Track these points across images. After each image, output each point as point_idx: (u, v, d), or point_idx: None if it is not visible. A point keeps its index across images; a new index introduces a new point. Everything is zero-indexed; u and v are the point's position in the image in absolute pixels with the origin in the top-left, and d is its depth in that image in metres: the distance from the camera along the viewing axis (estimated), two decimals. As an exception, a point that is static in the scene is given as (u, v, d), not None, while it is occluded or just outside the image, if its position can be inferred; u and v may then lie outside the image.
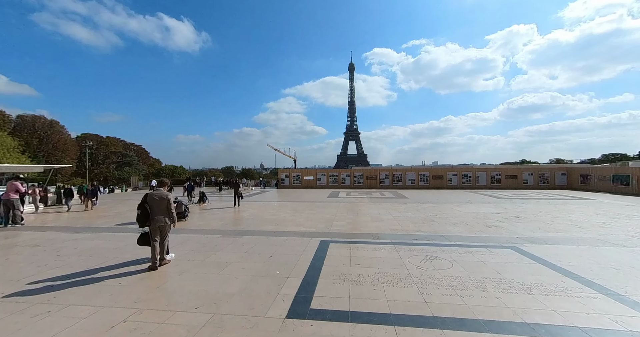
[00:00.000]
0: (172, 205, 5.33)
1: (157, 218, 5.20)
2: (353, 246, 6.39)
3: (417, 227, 9.02)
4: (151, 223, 5.19)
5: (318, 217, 11.06)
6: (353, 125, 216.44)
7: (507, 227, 9.04)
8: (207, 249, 6.34)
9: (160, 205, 5.26)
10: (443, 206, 14.57)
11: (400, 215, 11.55)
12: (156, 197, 5.29)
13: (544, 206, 14.45)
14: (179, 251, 6.15)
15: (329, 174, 32.23)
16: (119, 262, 5.45)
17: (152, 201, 5.26)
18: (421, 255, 5.68)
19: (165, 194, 5.36)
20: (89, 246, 6.76)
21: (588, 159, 78.92)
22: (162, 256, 5.25)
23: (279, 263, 5.27)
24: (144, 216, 5.15)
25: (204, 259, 5.54)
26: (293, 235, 7.71)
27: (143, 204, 5.21)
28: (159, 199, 5.28)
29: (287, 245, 6.61)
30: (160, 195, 5.33)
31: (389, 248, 6.20)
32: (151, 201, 5.25)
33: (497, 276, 4.57)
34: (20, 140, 40.89)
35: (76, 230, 8.83)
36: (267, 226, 9.33)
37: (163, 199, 5.30)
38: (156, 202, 5.26)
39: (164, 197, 5.32)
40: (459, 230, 8.58)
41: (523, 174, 29.69)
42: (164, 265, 5.22)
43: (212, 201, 17.73)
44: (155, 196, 5.30)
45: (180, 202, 11.25)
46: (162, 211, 5.26)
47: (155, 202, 5.26)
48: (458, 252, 5.83)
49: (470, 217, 11.03)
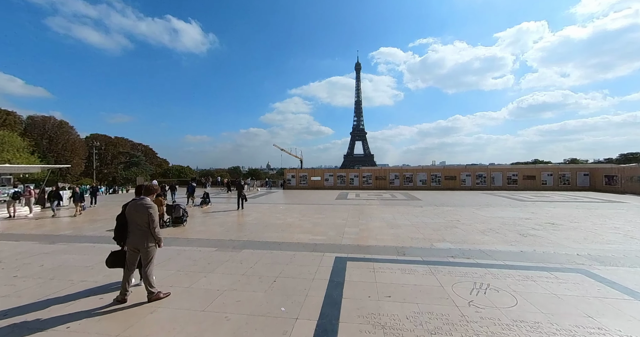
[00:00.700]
0: (156, 221, 3.98)
1: (134, 237, 3.94)
2: (376, 267, 5.17)
3: (441, 236, 7.88)
4: (127, 242, 3.98)
5: (328, 223, 9.99)
6: (360, 125, 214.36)
7: (547, 236, 7.79)
8: (197, 268, 5.19)
9: (140, 220, 3.91)
10: (462, 209, 13.36)
11: (417, 220, 10.38)
12: (135, 209, 3.94)
13: (574, 210, 13.12)
14: (163, 270, 5.03)
15: (336, 175, 31.03)
16: (84, 288, 4.34)
17: (130, 213, 3.97)
18: (467, 281, 4.44)
19: (147, 206, 3.93)
20: (58, 262, 5.68)
21: (605, 159, 75.90)
22: (149, 288, 3.88)
23: (285, 292, 4.10)
24: (120, 230, 3.98)
25: (189, 285, 4.38)
26: (302, 248, 6.52)
27: (122, 215, 4.04)
28: (137, 213, 3.92)
29: (294, 263, 5.44)
30: (141, 206, 3.94)
31: (422, 270, 4.97)
32: (129, 214, 3.97)
33: (592, 324, 3.27)
34: (31, 140, 41.35)
35: (54, 240, 7.78)
36: (272, 233, 8.28)
37: (143, 213, 3.90)
38: (134, 216, 3.93)
39: (145, 209, 3.91)
40: (490, 240, 7.40)
41: (542, 174, 28.03)
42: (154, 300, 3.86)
43: (216, 203, 16.76)
44: (135, 208, 3.96)
45: (178, 206, 10.30)
46: (141, 229, 3.94)
47: (134, 216, 3.93)
48: (514, 278, 4.57)
49: (497, 223, 9.80)
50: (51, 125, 49.70)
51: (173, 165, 71.17)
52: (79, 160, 50.95)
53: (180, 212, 10.26)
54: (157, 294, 3.89)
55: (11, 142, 33.34)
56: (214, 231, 8.85)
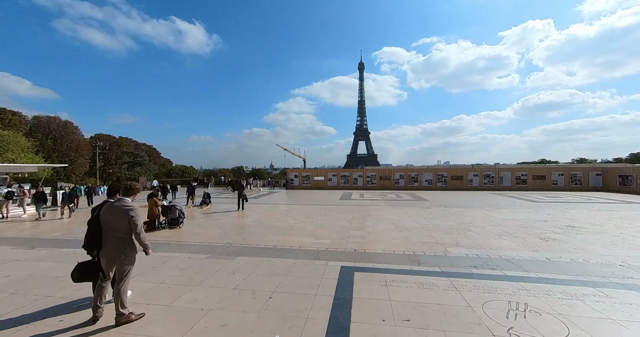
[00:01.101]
0: (140, 225, 3.38)
1: (109, 247, 3.29)
2: (388, 279, 4.46)
3: (454, 240, 7.23)
4: (101, 252, 3.33)
5: (332, 225, 9.37)
6: (363, 125, 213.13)
7: (570, 241, 7.09)
8: (183, 280, 4.52)
9: (118, 226, 3.29)
10: (472, 211, 12.67)
11: (427, 222, 9.71)
12: (111, 212, 3.31)
13: (593, 211, 12.36)
14: (143, 282, 4.39)
15: (340, 174, 30.35)
16: (46, 306, 3.68)
17: (105, 218, 3.31)
18: (499, 300, 3.73)
19: (128, 209, 3.32)
20: (28, 271, 5.05)
21: (614, 159, 74.28)
22: (119, 308, 3.22)
23: (282, 313, 3.43)
24: (92, 238, 3.31)
25: (170, 303, 3.70)
26: (303, 255, 5.84)
27: (95, 219, 3.36)
28: (115, 217, 3.29)
29: (294, 274, 4.76)
30: (119, 209, 3.31)
31: (442, 284, 4.27)
32: (104, 219, 3.32)
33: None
34: (35, 140, 41.53)
35: (35, 244, 7.18)
36: (272, 236, 7.69)
37: (122, 217, 3.28)
38: (110, 221, 3.29)
39: (125, 213, 3.29)
40: (509, 245, 6.73)
41: (552, 174, 27.11)
42: (124, 324, 3.18)
43: (217, 203, 16.22)
44: (111, 211, 3.31)
45: (174, 207, 9.74)
46: (119, 236, 3.31)
47: (109, 220, 3.30)
48: (554, 296, 3.84)
49: (513, 226, 9.11)
50: (56, 125, 49.79)
51: (176, 165, 70.93)
52: (84, 161, 51.03)
53: (177, 213, 9.71)
54: (127, 315, 3.22)
55: (16, 142, 33.48)
56: (211, 233, 8.28)
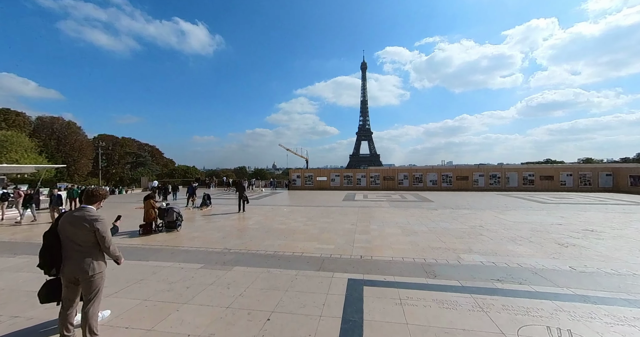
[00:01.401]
0: (108, 237, 2.89)
1: (71, 264, 2.77)
2: (402, 295, 3.92)
3: (467, 245, 6.74)
4: (62, 271, 2.82)
5: (336, 228, 8.91)
6: (365, 125, 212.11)
7: (592, 247, 6.58)
8: (171, 296, 4.00)
9: (80, 238, 2.79)
10: (481, 213, 12.14)
11: (435, 226, 9.21)
12: (72, 223, 2.79)
13: (608, 214, 11.77)
14: (125, 299, 3.89)
15: (343, 175, 29.83)
16: (9, 330, 3.18)
17: (65, 230, 2.80)
18: (535, 324, 3.19)
19: (92, 219, 2.82)
20: (2, 284, 4.55)
21: (621, 159, 73.16)
22: (88, 335, 2.76)
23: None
24: (47, 253, 2.81)
25: (152, 327, 3.18)
26: (306, 265, 5.33)
27: (52, 231, 2.86)
28: (76, 228, 2.78)
29: (296, 289, 4.23)
30: (82, 220, 2.80)
31: (465, 302, 3.73)
32: (63, 231, 2.80)
33: None
34: (39, 141, 41.55)
35: (18, 250, 6.70)
36: (273, 241, 7.25)
37: (86, 228, 2.79)
38: (71, 233, 2.79)
39: (88, 224, 2.79)
40: (526, 251, 6.23)
41: (561, 174, 26.43)
42: None
43: (218, 204, 15.78)
44: (71, 222, 2.80)
45: (171, 209, 9.31)
46: (82, 251, 2.80)
47: (70, 232, 2.79)
48: (600, 319, 3.30)
49: (526, 229, 8.60)
50: (59, 125, 49.72)
51: (179, 165, 70.73)
52: (87, 161, 51.00)
53: (174, 216, 9.27)
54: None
55: (19, 142, 33.48)
56: (209, 237, 7.84)
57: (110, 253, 2.94)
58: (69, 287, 2.85)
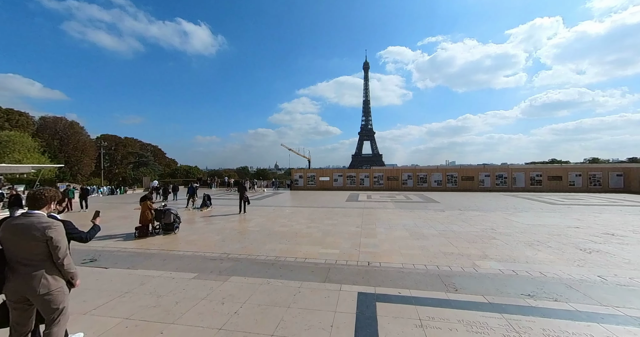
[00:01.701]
0: (64, 249, 2.40)
1: (18, 282, 2.28)
2: (422, 315, 3.42)
3: (481, 251, 6.30)
4: (4, 290, 2.31)
5: (340, 231, 8.50)
6: (368, 125, 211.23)
7: (617, 253, 6.11)
8: (157, 313, 3.52)
9: (26, 251, 2.30)
10: (491, 214, 11.66)
11: (445, 228, 8.75)
12: (14, 233, 2.29)
13: (625, 216, 11.24)
14: (105, 317, 3.44)
15: (346, 175, 29.37)
16: None
17: (6, 241, 2.31)
18: None
19: (42, 227, 2.31)
20: None
21: (629, 158, 72.05)
22: None
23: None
24: None
25: None
26: (310, 275, 4.88)
27: None
28: (21, 239, 2.29)
29: (299, 305, 3.75)
30: (28, 228, 2.30)
31: (496, 324, 3.22)
32: (5, 243, 2.32)
33: None
34: (42, 141, 41.59)
35: None
36: (274, 245, 6.86)
37: (35, 238, 2.29)
38: (14, 246, 2.30)
39: (38, 233, 2.29)
40: (546, 257, 5.80)
41: (569, 174, 25.78)
42: None
43: (218, 205, 15.40)
44: (13, 232, 2.29)
45: (169, 211, 8.91)
46: (31, 265, 2.30)
47: (12, 244, 2.30)
48: None
49: (542, 233, 8.13)
50: (62, 126, 49.74)
51: (181, 165, 70.64)
52: (89, 161, 50.98)
53: (171, 217, 8.87)
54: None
55: (22, 142, 33.47)
56: (207, 240, 7.46)
57: (65, 269, 2.40)
58: (18, 309, 2.34)
